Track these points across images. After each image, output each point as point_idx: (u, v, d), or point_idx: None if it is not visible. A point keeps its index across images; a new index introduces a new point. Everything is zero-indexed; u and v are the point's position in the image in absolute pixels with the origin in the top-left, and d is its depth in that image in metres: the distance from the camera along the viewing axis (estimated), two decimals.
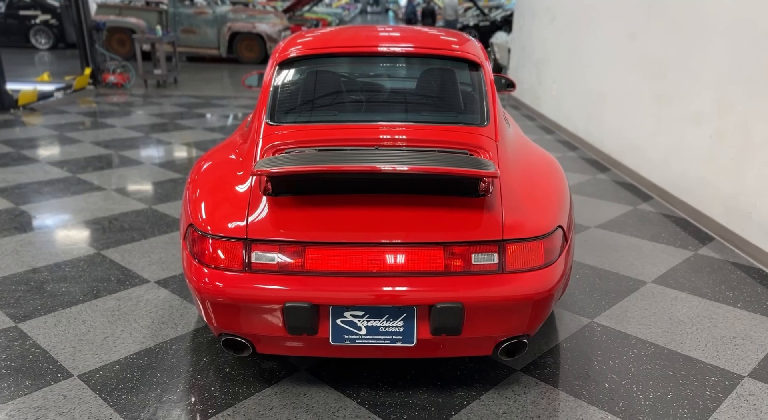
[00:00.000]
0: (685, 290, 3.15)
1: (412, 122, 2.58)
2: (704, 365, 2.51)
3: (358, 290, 2.01)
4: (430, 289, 2.02)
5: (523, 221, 2.14)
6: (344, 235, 2.05)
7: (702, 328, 2.79)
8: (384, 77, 3.11)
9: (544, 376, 2.41)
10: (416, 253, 2.05)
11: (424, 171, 2.00)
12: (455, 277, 2.05)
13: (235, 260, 2.05)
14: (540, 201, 2.28)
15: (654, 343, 2.67)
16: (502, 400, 2.27)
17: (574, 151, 6.17)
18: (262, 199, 2.16)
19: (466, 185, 2.16)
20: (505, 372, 2.44)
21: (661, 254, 3.61)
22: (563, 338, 2.70)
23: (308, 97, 2.70)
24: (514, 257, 2.09)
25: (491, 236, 2.08)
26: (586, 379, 2.40)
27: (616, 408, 2.23)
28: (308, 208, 2.11)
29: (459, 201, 2.16)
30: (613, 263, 3.47)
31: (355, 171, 1.99)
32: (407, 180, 2.15)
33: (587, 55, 6.24)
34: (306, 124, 2.56)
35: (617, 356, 2.56)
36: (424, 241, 2.05)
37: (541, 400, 2.27)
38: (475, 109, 2.67)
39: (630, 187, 4.95)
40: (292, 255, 2.04)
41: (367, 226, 2.07)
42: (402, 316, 2.07)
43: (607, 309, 2.95)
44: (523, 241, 2.11)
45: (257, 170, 2.02)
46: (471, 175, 2.01)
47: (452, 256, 2.07)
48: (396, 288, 2.01)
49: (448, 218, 2.10)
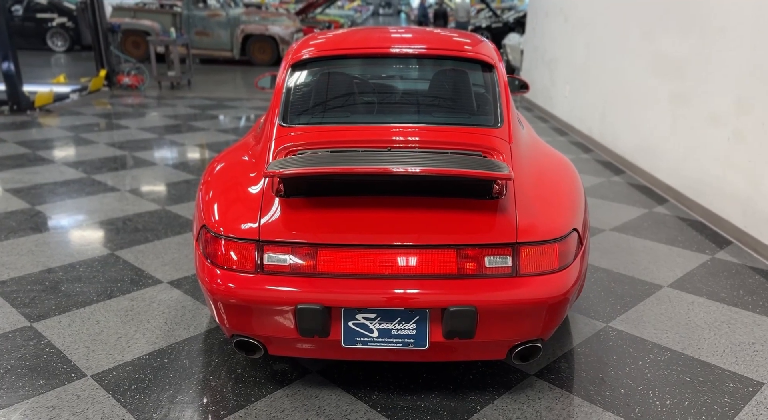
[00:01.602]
0: (702, 295, 3.11)
1: (425, 124, 2.56)
2: (722, 371, 2.47)
3: (370, 292, 1.99)
4: (443, 292, 2.00)
5: (537, 224, 2.11)
6: (356, 237, 2.03)
7: (720, 334, 2.75)
8: (396, 79, 3.09)
9: (559, 381, 2.38)
10: (429, 256, 2.04)
11: (437, 172, 1.98)
12: (468, 280, 2.02)
13: (247, 261, 2.04)
14: (554, 203, 2.26)
15: (670, 349, 2.62)
16: (516, 405, 2.24)
17: (588, 153, 6.11)
18: (275, 201, 2.15)
19: (480, 187, 2.14)
20: (519, 376, 2.41)
21: (677, 258, 3.56)
22: (578, 343, 2.66)
23: (320, 98, 2.69)
24: (528, 260, 2.07)
25: (505, 239, 2.06)
26: (601, 384, 2.37)
27: (632, 414, 2.20)
28: (320, 210, 2.10)
29: (472, 203, 2.14)
30: (629, 267, 3.43)
31: (368, 173, 1.98)
32: (420, 182, 2.13)
33: (601, 55, 6.18)
34: (318, 126, 2.55)
35: (633, 361, 2.53)
36: (437, 244, 2.04)
37: (555, 405, 2.24)
38: (488, 111, 2.65)
39: (645, 189, 4.90)
40: (305, 257, 2.03)
41: (380, 228, 2.05)
42: (414, 319, 2.05)
43: (622, 313, 2.91)
44: (537, 244, 2.08)
45: (270, 172, 2.01)
46: (484, 177, 1.99)
47: (465, 259, 2.05)
48: (408, 291, 2.00)
49: (461, 221, 2.08)
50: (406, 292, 1.99)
